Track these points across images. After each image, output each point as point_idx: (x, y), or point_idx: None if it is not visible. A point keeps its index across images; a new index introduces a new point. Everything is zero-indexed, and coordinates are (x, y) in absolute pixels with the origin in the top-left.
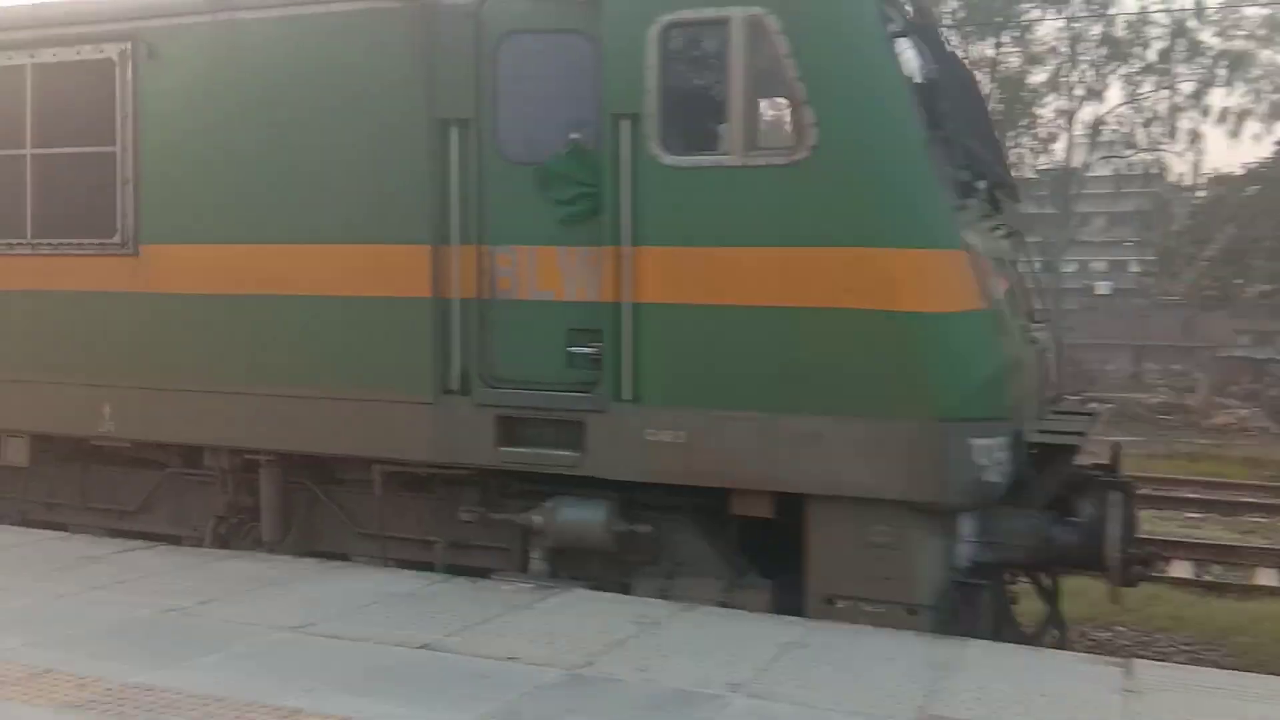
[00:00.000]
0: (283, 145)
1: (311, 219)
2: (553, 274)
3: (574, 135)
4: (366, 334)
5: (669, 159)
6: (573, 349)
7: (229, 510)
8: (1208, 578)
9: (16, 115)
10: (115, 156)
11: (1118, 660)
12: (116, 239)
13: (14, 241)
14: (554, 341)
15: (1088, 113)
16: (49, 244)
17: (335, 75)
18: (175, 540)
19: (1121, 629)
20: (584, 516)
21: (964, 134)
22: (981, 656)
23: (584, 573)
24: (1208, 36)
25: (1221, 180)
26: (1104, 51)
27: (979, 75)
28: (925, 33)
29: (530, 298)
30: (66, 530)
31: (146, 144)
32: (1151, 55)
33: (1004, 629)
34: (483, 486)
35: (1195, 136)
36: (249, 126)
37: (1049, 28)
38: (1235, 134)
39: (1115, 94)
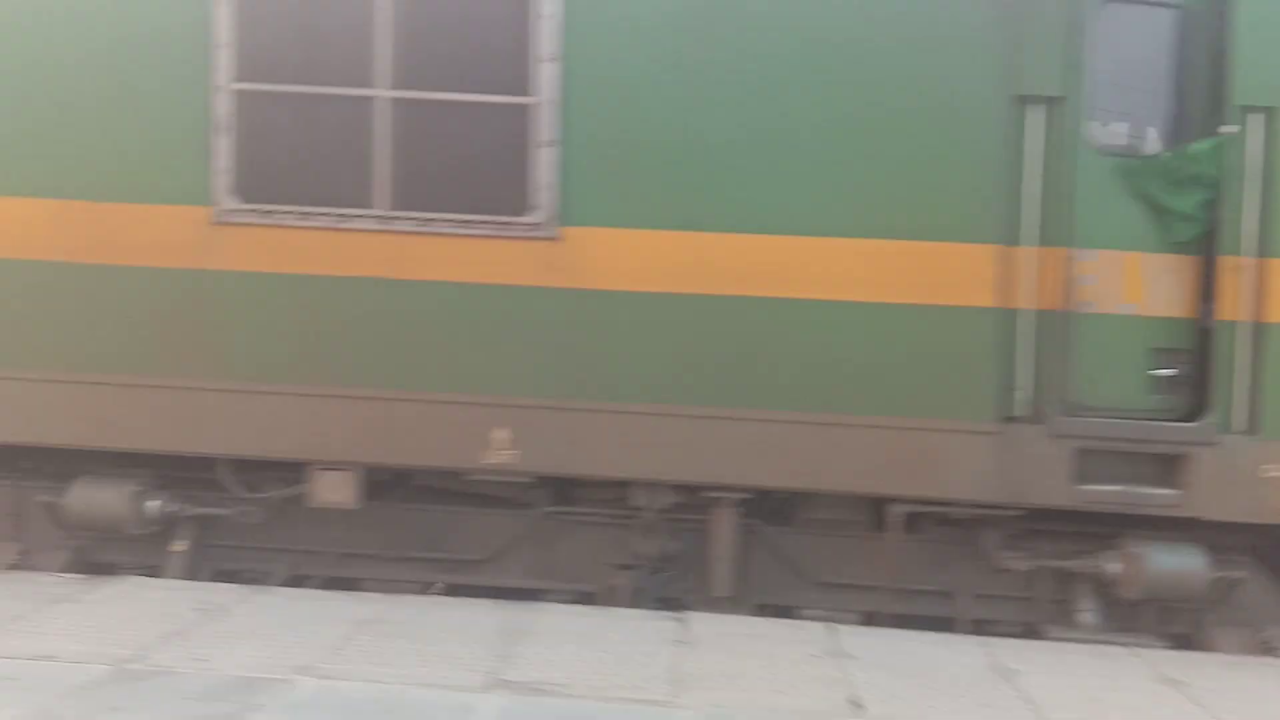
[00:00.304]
0: (786, 113)
1: (826, 206)
2: (1136, 284)
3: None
4: (898, 348)
5: None
6: (1157, 371)
7: (654, 559)
8: None
9: (362, 42)
10: (531, 110)
11: (675, 615)
12: (532, 218)
13: (353, 212)
14: (1134, 362)
15: None
16: (412, 219)
17: (871, 31)
18: (532, 596)
19: None
20: (1183, 564)
21: None
22: (554, 621)
23: (1136, 625)
24: None
25: None
26: None
27: None
28: None
29: (1113, 311)
30: (359, 588)
31: (579, 97)
32: None
33: None
34: (1001, 528)
35: None
36: (738, 87)
37: None
38: None
39: None
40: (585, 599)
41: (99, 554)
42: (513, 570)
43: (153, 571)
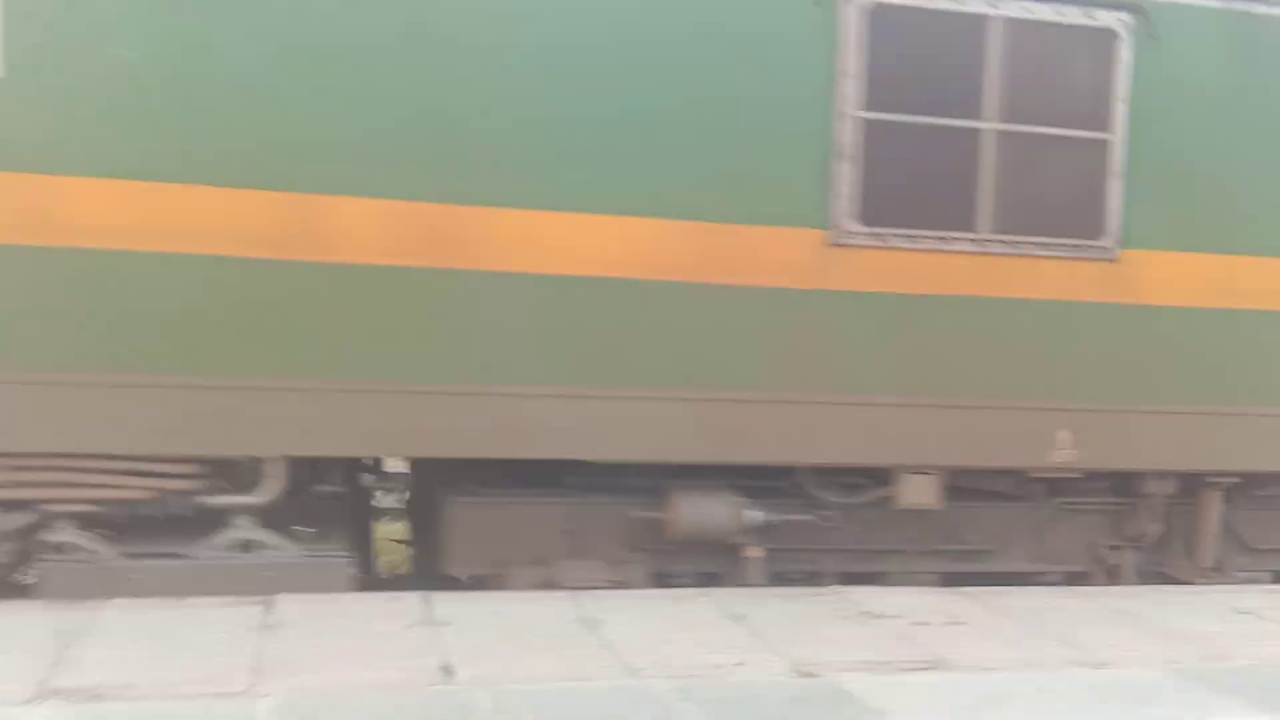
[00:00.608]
0: None
1: None
2: None
3: None
4: None
5: None
6: None
7: (1142, 539)
8: None
9: (971, 77)
10: (1107, 145)
11: (260, 599)
12: (1102, 241)
13: (954, 235)
14: None
15: None
16: (1003, 241)
17: None
18: (1029, 580)
19: None
20: None
21: None
22: (119, 618)
23: None
24: None
25: None
26: None
27: None
28: None
29: None
30: (884, 582)
31: (1139, 135)
32: None
33: None
34: None
35: None
36: (1267, 137)
37: None
38: None
39: None
40: (1077, 579)
41: (663, 565)
42: (1015, 557)
43: (711, 580)
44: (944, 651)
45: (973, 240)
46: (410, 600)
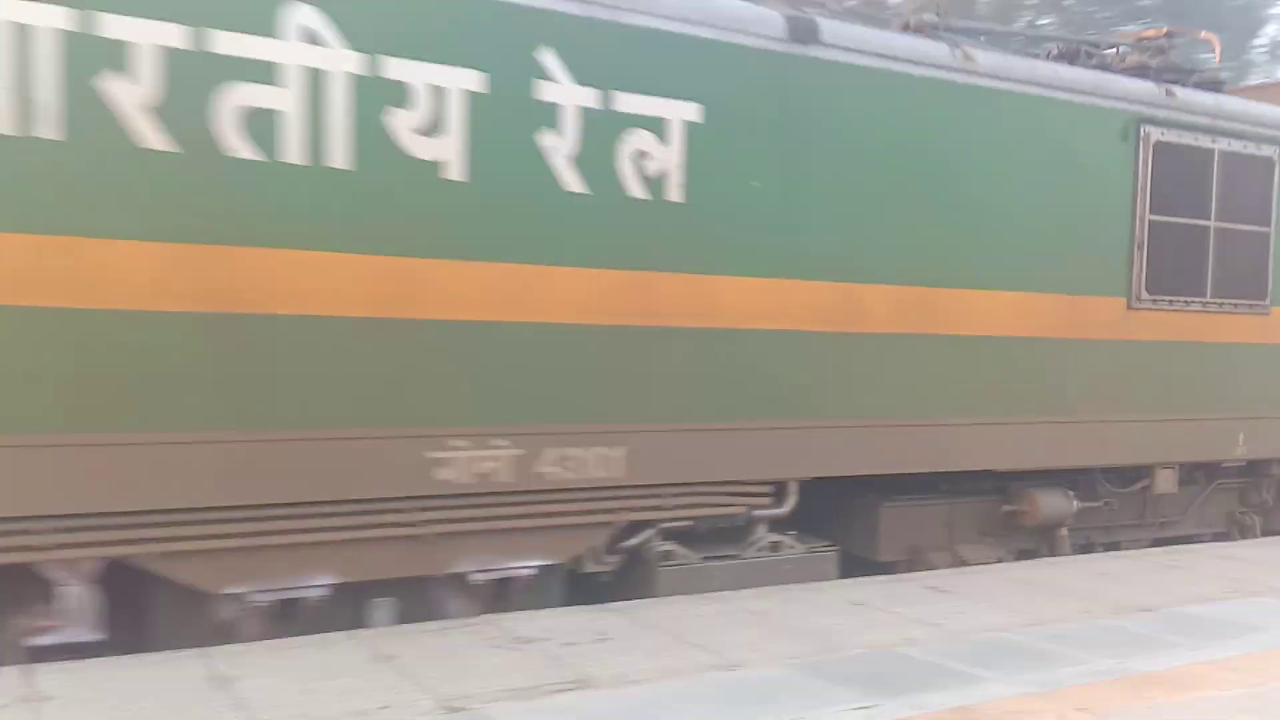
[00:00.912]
0: None
1: None
2: None
3: None
4: None
5: None
6: None
7: (1260, 506)
8: None
9: (1203, 190)
10: (1268, 236)
11: None
12: (1265, 301)
13: (1192, 299)
14: None
15: None
16: (1215, 304)
17: None
18: (1192, 539)
19: None
20: None
21: None
22: None
23: None
24: None
25: None
26: None
27: None
28: None
29: None
30: (1113, 548)
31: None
32: None
33: None
34: None
35: None
36: None
37: None
38: None
39: None
40: (1220, 537)
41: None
42: (1189, 524)
43: (1028, 555)
44: (591, 669)
45: (1202, 303)
46: (6, 676)
